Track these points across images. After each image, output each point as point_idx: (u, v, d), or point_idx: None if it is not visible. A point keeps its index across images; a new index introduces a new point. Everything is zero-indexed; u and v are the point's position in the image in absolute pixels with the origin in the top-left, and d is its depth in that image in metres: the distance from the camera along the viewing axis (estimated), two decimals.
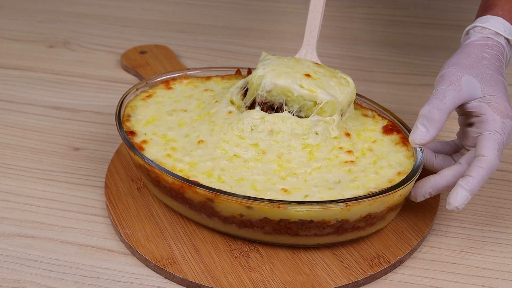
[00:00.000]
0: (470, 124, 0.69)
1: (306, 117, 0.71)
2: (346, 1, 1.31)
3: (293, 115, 0.71)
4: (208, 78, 0.85)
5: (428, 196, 0.68)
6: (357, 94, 0.79)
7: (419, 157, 0.68)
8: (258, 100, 0.73)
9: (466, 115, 0.69)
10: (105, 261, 0.68)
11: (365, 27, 1.20)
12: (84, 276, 0.66)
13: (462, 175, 0.65)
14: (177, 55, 1.09)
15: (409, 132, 0.72)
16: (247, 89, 0.76)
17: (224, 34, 1.18)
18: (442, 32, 1.18)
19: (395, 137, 0.73)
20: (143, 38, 1.16)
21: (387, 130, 0.74)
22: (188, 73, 0.84)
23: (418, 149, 0.69)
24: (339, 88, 0.73)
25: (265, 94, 0.72)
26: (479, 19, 0.74)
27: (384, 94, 0.98)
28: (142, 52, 1.07)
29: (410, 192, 0.69)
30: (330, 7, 1.29)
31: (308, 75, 0.72)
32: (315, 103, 0.71)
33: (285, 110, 0.71)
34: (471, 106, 0.67)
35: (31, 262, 0.68)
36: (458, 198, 0.64)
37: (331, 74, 0.75)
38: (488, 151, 0.64)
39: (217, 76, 0.85)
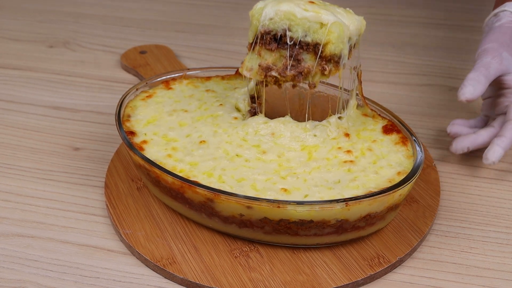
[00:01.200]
0: (500, 95, 0.80)
1: (312, 41, 0.68)
2: (346, 1, 1.31)
3: (299, 41, 0.68)
4: (208, 78, 0.85)
5: (466, 151, 0.79)
6: (357, 94, 0.79)
7: (419, 157, 0.68)
8: (260, 31, 0.69)
9: (498, 86, 0.80)
10: (105, 261, 0.68)
11: (365, 27, 1.20)
12: (84, 276, 0.66)
13: (495, 135, 0.77)
14: (177, 55, 1.09)
15: (409, 132, 0.72)
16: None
17: (224, 34, 1.18)
18: (443, 32, 1.19)
19: (395, 137, 0.73)
20: (143, 38, 1.16)
21: (387, 130, 0.74)
22: (188, 73, 0.84)
23: (418, 149, 0.69)
24: (346, 15, 0.70)
25: (267, 23, 0.68)
26: (508, 3, 0.83)
27: (384, 94, 0.98)
28: (142, 52, 1.07)
29: (451, 144, 0.80)
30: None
31: (312, 2, 0.70)
32: (321, 25, 0.67)
33: (289, 36, 0.68)
34: (506, 79, 0.79)
35: (31, 262, 0.68)
36: (495, 154, 0.75)
37: (338, 6, 0.73)
38: None
39: (217, 76, 0.85)
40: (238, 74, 0.85)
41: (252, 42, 0.70)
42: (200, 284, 0.64)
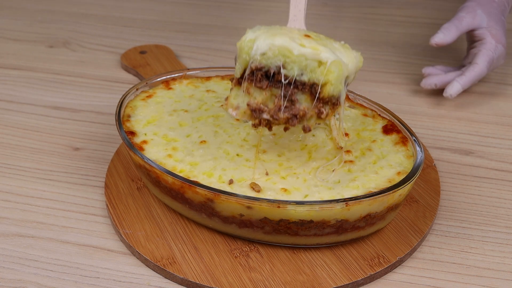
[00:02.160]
0: (472, 47, 0.94)
1: (309, 81, 0.61)
2: (346, 1, 1.31)
3: (294, 80, 0.61)
4: (208, 78, 0.85)
5: (433, 87, 0.93)
6: (357, 94, 0.79)
7: (419, 157, 0.68)
8: (250, 66, 0.61)
9: (471, 40, 0.95)
10: (105, 261, 0.68)
11: (365, 27, 1.20)
12: (84, 276, 0.66)
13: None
14: (177, 55, 1.09)
15: (409, 132, 0.72)
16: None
17: (224, 34, 1.18)
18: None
19: (395, 137, 0.73)
20: (143, 38, 1.16)
21: (387, 130, 0.74)
22: (188, 73, 0.84)
23: (418, 149, 0.69)
24: (344, 51, 0.64)
25: (258, 58, 0.61)
26: None
27: (384, 94, 0.98)
28: (142, 52, 1.07)
29: (422, 81, 0.94)
30: (330, 7, 1.30)
31: (307, 36, 0.63)
32: (319, 64, 0.61)
33: (283, 74, 0.61)
34: (477, 33, 0.92)
35: (31, 262, 0.68)
36: (453, 88, 0.90)
37: (334, 40, 0.66)
38: (481, 61, 0.91)
39: (217, 76, 0.85)
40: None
41: (240, 77, 0.63)
42: (200, 284, 0.64)
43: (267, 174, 0.67)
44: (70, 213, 0.74)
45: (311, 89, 0.62)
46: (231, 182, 0.66)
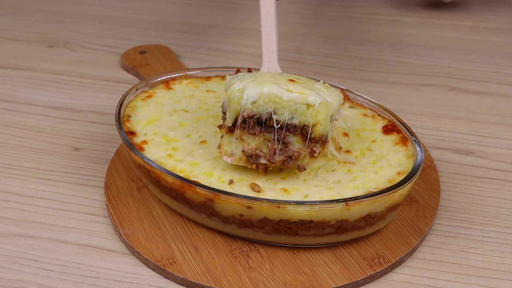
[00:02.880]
0: None
1: (300, 123, 0.64)
2: (346, 1, 1.31)
3: (286, 124, 0.64)
4: (208, 78, 0.85)
5: None
6: (357, 94, 0.79)
7: (419, 157, 0.68)
8: (242, 115, 0.64)
9: None
10: (105, 261, 0.68)
11: (365, 27, 1.20)
12: (84, 276, 0.66)
13: None
14: (177, 55, 1.09)
15: (409, 132, 0.72)
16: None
17: (224, 34, 1.18)
18: (442, 32, 1.19)
19: (395, 137, 0.73)
20: (143, 38, 1.16)
21: (387, 130, 0.74)
22: (188, 73, 0.84)
23: (418, 149, 0.69)
24: (327, 91, 0.67)
25: (249, 106, 0.64)
26: None
27: (384, 94, 0.98)
28: (142, 52, 1.07)
29: None
30: (330, 7, 1.30)
31: (292, 80, 0.67)
32: (308, 106, 0.64)
33: (275, 120, 0.64)
34: None
35: (31, 262, 0.68)
36: None
37: (314, 80, 0.70)
38: None
39: (217, 76, 0.85)
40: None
41: (231, 126, 0.66)
42: (200, 284, 0.64)
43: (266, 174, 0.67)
44: (70, 213, 0.74)
45: (301, 130, 0.65)
46: (231, 182, 0.67)
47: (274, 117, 0.64)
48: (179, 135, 0.74)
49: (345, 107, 0.78)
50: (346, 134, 0.73)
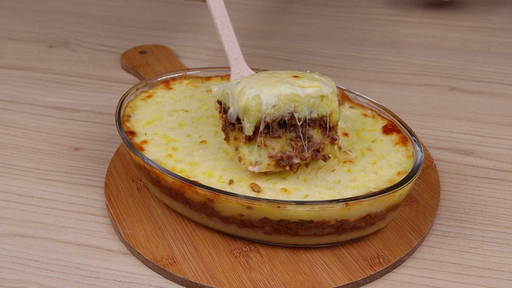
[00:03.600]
0: None
1: (318, 116, 0.65)
2: (346, 1, 1.31)
3: (306, 119, 0.65)
4: (208, 78, 0.85)
5: None
6: (357, 94, 0.79)
7: (419, 157, 0.68)
8: (265, 121, 0.64)
9: None
10: (105, 261, 0.68)
11: (365, 27, 1.20)
12: (84, 276, 0.66)
13: None
14: (177, 55, 1.09)
15: (409, 132, 0.72)
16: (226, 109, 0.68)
17: None
18: (442, 32, 1.19)
19: (395, 137, 0.73)
20: (143, 38, 1.16)
21: (387, 130, 0.74)
22: (188, 73, 0.84)
23: (418, 149, 0.69)
24: (324, 79, 0.68)
25: (271, 111, 0.64)
26: None
27: (384, 94, 0.98)
28: (142, 52, 1.07)
29: None
30: (330, 7, 1.30)
31: (295, 76, 0.67)
32: (322, 98, 0.65)
33: (297, 118, 0.64)
34: None
35: (31, 262, 0.68)
36: None
37: (305, 72, 0.70)
38: None
39: (217, 76, 0.85)
40: None
41: (252, 134, 0.65)
42: (200, 284, 0.64)
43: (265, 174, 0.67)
44: (70, 213, 0.74)
45: (320, 122, 0.66)
46: (231, 182, 0.67)
47: (296, 115, 0.65)
48: (179, 135, 0.74)
49: (345, 107, 0.78)
50: (346, 134, 0.73)
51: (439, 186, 0.76)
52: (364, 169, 0.68)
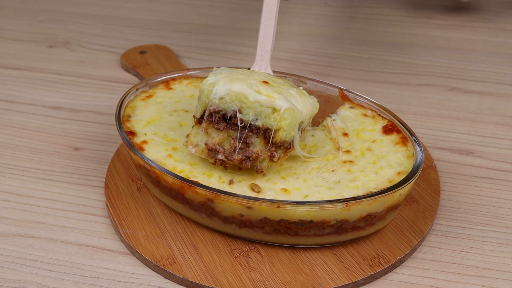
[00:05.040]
0: None
1: (263, 126, 0.65)
2: (346, 1, 1.31)
3: (249, 123, 0.65)
4: None
5: None
6: (357, 94, 0.79)
7: (419, 157, 0.68)
8: (209, 109, 0.66)
9: None
10: (105, 261, 0.68)
11: (365, 27, 1.20)
12: (84, 276, 0.66)
13: None
14: (177, 55, 1.09)
15: (409, 132, 0.72)
16: None
17: (224, 34, 1.18)
18: (443, 32, 1.19)
19: (395, 137, 0.73)
20: (143, 38, 1.16)
21: (387, 130, 0.74)
22: (188, 73, 0.84)
23: (418, 149, 0.69)
24: (300, 98, 0.67)
25: (216, 102, 0.65)
26: None
27: (384, 94, 0.98)
28: (142, 52, 1.07)
29: None
30: (330, 7, 1.30)
31: (265, 82, 0.67)
32: (274, 110, 0.64)
33: (239, 118, 0.65)
34: None
35: (31, 262, 0.68)
36: None
37: (291, 85, 0.71)
38: None
39: None
40: None
41: (200, 117, 0.67)
42: (200, 284, 0.64)
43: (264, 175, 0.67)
44: (70, 213, 0.74)
45: (265, 133, 0.65)
46: (231, 182, 0.67)
47: (238, 115, 0.65)
48: (179, 135, 0.74)
49: (345, 107, 0.78)
50: (346, 134, 0.73)
51: (439, 186, 0.76)
52: (364, 169, 0.68)
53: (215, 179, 0.67)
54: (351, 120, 0.76)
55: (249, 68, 0.76)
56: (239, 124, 0.65)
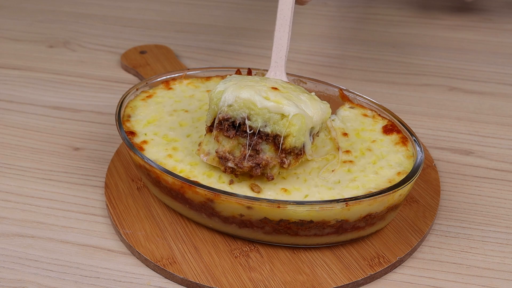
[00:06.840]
0: None
1: (272, 132, 0.64)
2: (346, 1, 1.31)
3: (258, 131, 0.64)
4: (208, 78, 0.85)
5: None
6: (357, 94, 0.79)
7: (419, 157, 0.68)
8: (218, 117, 0.65)
9: None
10: (105, 261, 0.68)
11: (365, 27, 1.20)
12: (84, 276, 0.66)
13: None
14: (177, 55, 1.09)
15: (409, 132, 0.72)
16: None
17: (224, 34, 1.18)
18: (442, 32, 1.19)
19: (395, 137, 0.73)
20: (143, 38, 1.16)
21: (387, 130, 0.74)
22: (188, 73, 0.84)
23: (418, 149, 0.69)
24: (311, 103, 0.66)
25: (225, 109, 0.65)
26: None
27: (384, 94, 0.98)
28: (142, 52, 1.07)
29: None
30: (330, 7, 1.30)
31: (275, 88, 0.66)
32: (282, 116, 0.64)
33: (248, 125, 0.64)
34: None
35: (31, 262, 0.68)
36: None
37: (303, 90, 0.69)
38: None
39: (217, 76, 0.85)
40: (238, 74, 0.85)
41: (211, 126, 0.67)
42: (200, 284, 0.64)
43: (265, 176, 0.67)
44: (70, 213, 0.74)
45: (274, 140, 0.65)
46: (231, 182, 0.67)
47: (247, 122, 0.64)
48: (179, 135, 0.74)
49: (345, 107, 0.78)
50: (345, 134, 0.73)
51: (439, 186, 0.76)
52: (364, 169, 0.68)
53: (215, 179, 0.67)
54: (351, 120, 0.76)
55: (263, 75, 0.75)
56: (248, 131, 0.65)
